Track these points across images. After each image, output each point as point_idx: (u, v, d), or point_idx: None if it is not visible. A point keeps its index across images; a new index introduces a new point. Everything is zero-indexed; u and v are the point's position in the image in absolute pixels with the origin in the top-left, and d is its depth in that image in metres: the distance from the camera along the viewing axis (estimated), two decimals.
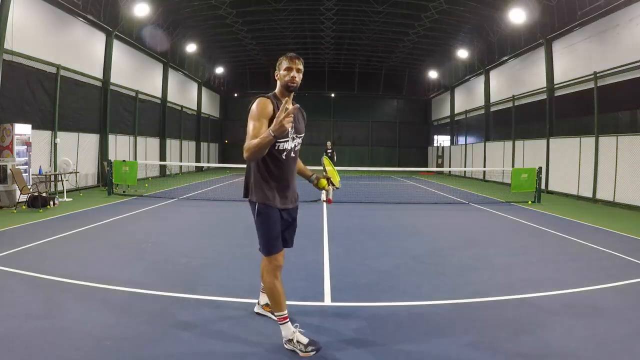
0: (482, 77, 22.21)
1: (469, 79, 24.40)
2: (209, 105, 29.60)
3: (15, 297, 3.71)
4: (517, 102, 18.70)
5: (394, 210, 10.11)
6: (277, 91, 2.90)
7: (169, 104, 21.71)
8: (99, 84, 15.10)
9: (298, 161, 3.02)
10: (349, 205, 10.60)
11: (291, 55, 2.87)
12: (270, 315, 3.31)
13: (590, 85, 13.25)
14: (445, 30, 22.21)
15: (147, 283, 4.19)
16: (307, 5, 20.27)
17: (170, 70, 21.82)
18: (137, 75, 18.24)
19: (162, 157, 20.90)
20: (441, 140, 30.64)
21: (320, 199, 11.15)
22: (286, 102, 2.54)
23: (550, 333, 3.16)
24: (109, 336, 2.96)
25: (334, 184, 3.11)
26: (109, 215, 8.28)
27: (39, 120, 11.67)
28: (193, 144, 26.43)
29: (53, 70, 12.28)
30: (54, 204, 9.40)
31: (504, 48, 19.48)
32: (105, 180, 12.89)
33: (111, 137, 15.71)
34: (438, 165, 29.31)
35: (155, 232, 6.91)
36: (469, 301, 3.87)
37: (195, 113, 26.69)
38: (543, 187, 13.69)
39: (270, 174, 2.83)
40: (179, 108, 23.69)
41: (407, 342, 3.01)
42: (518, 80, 18.65)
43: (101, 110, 15.19)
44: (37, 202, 9.06)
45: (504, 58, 19.49)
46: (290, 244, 3.08)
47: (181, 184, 16.66)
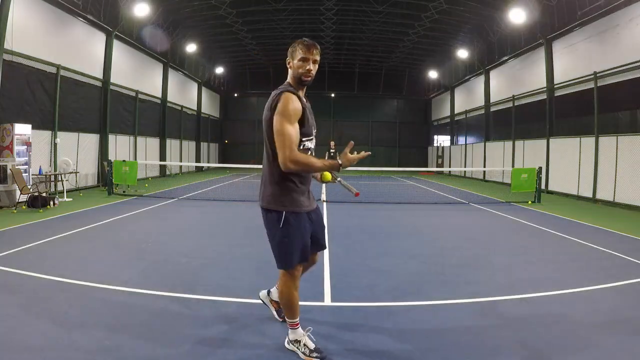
0: (482, 77, 22.21)
1: (469, 79, 24.40)
2: (209, 105, 29.59)
3: (15, 297, 3.71)
4: (517, 102, 18.70)
5: (394, 210, 10.11)
6: (291, 82, 2.60)
7: (169, 104, 21.71)
8: (99, 84, 15.10)
9: None
10: (349, 205, 10.59)
11: (308, 42, 2.54)
12: (272, 310, 3.26)
13: (590, 85, 13.25)
14: (445, 30, 22.20)
15: (147, 283, 4.19)
16: (307, 5, 20.27)
17: (170, 70, 21.82)
18: (137, 75, 18.23)
19: (162, 157, 20.90)
20: (441, 140, 30.63)
21: (320, 199, 11.17)
22: (363, 154, 2.63)
23: (550, 333, 3.16)
24: (109, 336, 2.96)
25: (336, 176, 2.88)
26: (109, 215, 8.28)
27: (39, 120, 11.67)
28: (193, 144, 26.42)
29: (53, 70, 12.28)
30: (54, 204, 9.39)
31: (504, 48, 19.48)
32: (105, 180, 12.89)
33: (111, 137, 15.71)
34: (438, 165, 29.30)
35: (155, 232, 6.90)
36: (469, 301, 3.87)
37: (195, 113, 26.68)
38: (543, 187, 13.69)
39: (299, 175, 2.59)
40: (179, 108, 23.69)
41: (407, 342, 3.01)
42: (518, 80, 18.65)
43: (101, 110, 15.19)
44: (37, 202, 9.06)
45: (504, 58, 19.48)
46: (324, 245, 2.91)
47: (181, 184, 16.66)
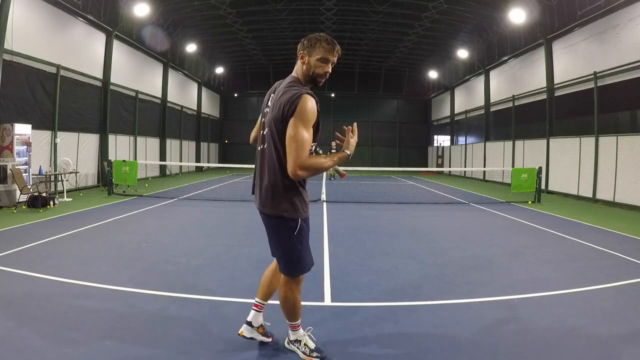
0: (482, 77, 22.21)
1: (469, 79, 24.40)
2: (209, 105, 29.59)
3: (15, 297, 3.71)
4: (517, 102, 18.70)
5: (394, 210, 10.11)
6: (302, 78, 2.40)
7: (169, 104, 21.72)
8: (99, 84, 15.11)
9: None
10: (349, 205, 10.59)
11: (330, 40, 2.32)
12: (260, 337, 2.86)
13: (590, 85, 13.25)
14: (445, 30, 22.20)
15: (147, 283, 4.19)
16: (307, 5, 20.27)
17: (170, 70, 21.83)
18: (137, 75, 18.24)
19: (162, 157, 20.91)
20: (441, 140, 30.63)
21: (320, 199, 11.17)
22: (355, 128, 2.49)
23: (550, 333, 3.16)
24: (109, 336, 2.96)
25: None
26: (109, 215, 8.28)
27: (39, 120, 11.67)
28: (193, 144, 26.43)
29: (53, 70, 12.28)
30: (54, 204, 9.40)
31: (504, 48, 19.48)
32: (105, 180, 12.90)
33: (111, 137, 15.71)
34: (438, 165, 29.31)
35: (155, 232, 6.90)
36: (469, 301, 3.87)
37: (195, 113, 26.69)
38: (543, 187, 13.69)
39: (304, 180, 2.42)
40: (179, 108, 23.69)
41: (407, 342, 3.01)
42: (518, 80, 18.65)
43: (101, 110, 15.19)
44: (37, 202, 9.06)
45: (504, 58, 19.48)
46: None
47: (181, 184, 16.66)
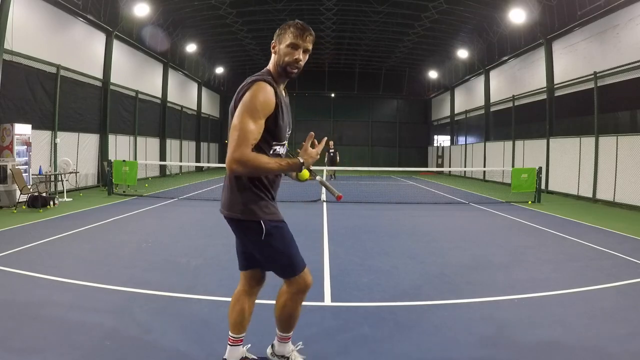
0: (482, 77, 22.21)
1: (469, 79, 24.39)
2: (209, 105, 29.58)
3: (15, 298, 3.70)
4: (517, 102, 18.70)
5: (394, 210, 10.11)
6: (272, 70, 2.14)
7: (169, 104, 21.71)
8: (99, 84, 15.10)
9: None
10: (349, 205, 10.59)
11: (300, 25, 2.06)
12: None
13: (590, 85, 13.24)
14: (445, 30, 22.19)
15: (147, 283, 4.19)
16: (307, 5, 20.27)
17: (170, 70, 21.82)
18: (137, 75, 18.23)
19: (162, 157, 20.90)
20: (441, 140, 30.63)
21: (320, 199, 11.16)
22: (326, 141, 2.26)
23: (550, 333, 3.16)
24: (109, 336, 2.96)
25: (315, 173, 2.37)
26: (109, 215, 8.28)
27: (39, 120, 11.67)
28: (193, 144, 26.42)
29: (53, 70, 12.27)
30: (54, 204, 9.40)
31: (504, 48, 19.47)
32: (105, 180, 12.90)
33: (111, 137, 15.71)
34: (438, 165, 29.29)
35: (155, 232, 6.91)
36: (469, 301, 3.87)
37: (195, 113, 26.67)
38: (543, 187, 13.68)
39: (269, 182, 2.23)
40: (179, 108, 23.68)
41: (407, 342, 3.01)
42: (518, 80, 18.64)
43: (101, 110, 15.18)
44: (37, 202, 9.06)
45: (504, 58, 19.47)
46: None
47: (181, 184, 16.66)
